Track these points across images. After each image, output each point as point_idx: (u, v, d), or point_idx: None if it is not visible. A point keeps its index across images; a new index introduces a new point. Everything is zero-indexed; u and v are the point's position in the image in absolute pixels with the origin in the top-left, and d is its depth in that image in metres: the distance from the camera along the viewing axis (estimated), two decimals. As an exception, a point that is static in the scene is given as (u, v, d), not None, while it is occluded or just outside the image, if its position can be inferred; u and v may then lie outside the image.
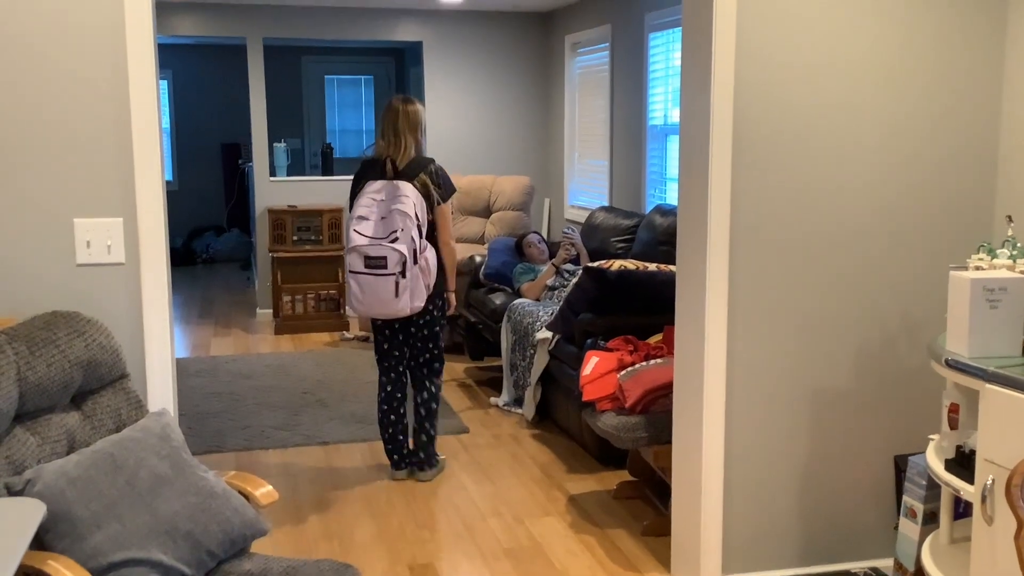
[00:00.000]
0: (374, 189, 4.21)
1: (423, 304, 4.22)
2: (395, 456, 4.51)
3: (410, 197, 4.14)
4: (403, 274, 4.07)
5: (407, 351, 4.49)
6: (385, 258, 4.06)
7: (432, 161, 4.32)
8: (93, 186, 2.67)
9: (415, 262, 4.12)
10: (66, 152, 2.65)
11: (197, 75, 11.64)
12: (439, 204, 4.29)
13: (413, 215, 4.11)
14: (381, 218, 4.12)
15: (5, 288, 2.65)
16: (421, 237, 4.16)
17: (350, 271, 4.15)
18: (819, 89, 3.09)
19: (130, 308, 2.74)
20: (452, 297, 4.51)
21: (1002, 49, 3.21)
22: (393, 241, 4.07)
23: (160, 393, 2.78)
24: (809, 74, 3.07)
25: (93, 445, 2.41)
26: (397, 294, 4.09)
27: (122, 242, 2.70)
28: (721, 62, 2.99)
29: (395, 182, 4.19)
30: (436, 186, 4.27)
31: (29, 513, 1.96)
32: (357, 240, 4.12)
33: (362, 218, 4.15)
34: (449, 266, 4.41)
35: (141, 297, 2.74)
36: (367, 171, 4.31)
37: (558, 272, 5.94)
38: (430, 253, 4.25)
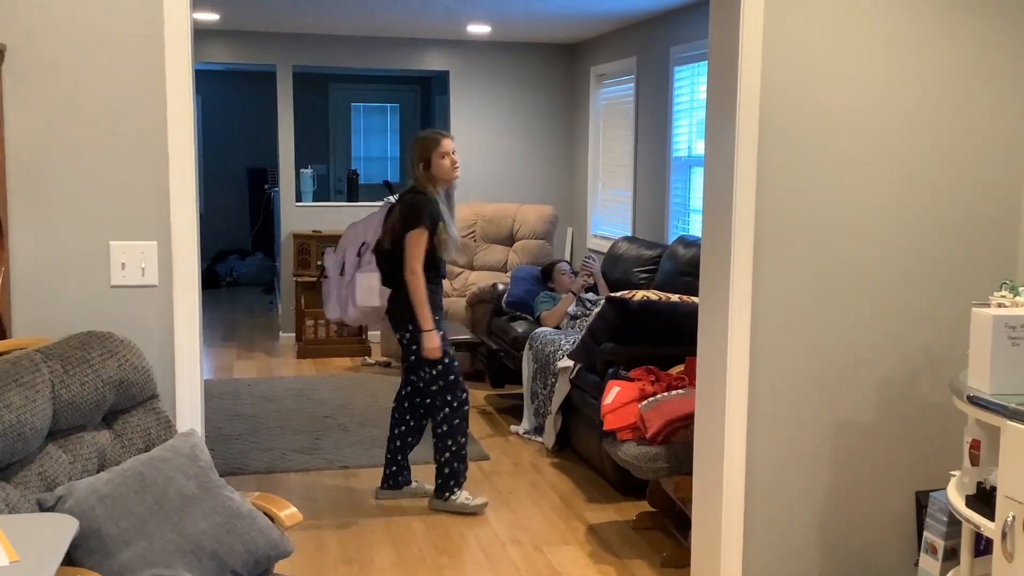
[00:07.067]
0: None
1: (354, 318, 4.57)
2: (384, 470, 4.63)
3: (373, 218, 4.54)
4: (324, 277, 4.65)
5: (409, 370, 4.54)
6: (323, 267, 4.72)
7: (411, 192, 4.39)
8: (129, 210, 2.73)
9: (341, 274, 4.52)
10: (105, 177, 2.71)
11: (226, 100, 11.79)
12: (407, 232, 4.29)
13: (363, 232, 4.53)
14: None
15: (42, 307, 2.71)
16: (359, 256, 4.49)
17: None
18: (844, 126, 3.11)
19: (161, 329, 2.80)
20: (428, 337, 4.21)
21: (1026, 88, 3.23)
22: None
23: (188, 414, 2.83)
24: (834, 112, 3.09)
25: (123, 463, 2.46)
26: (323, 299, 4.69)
27: (156, 265, 2.76)
28: (746, 97, 3.02)
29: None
30: (403, 217, 4.31)
31: (62, 529, 2.00)
32: None
33: None
34: (413, 297, 4.22)
35: (173, 319, 2.80)
36: None
37: (579, 301, 5.97)
38: (367, 277, 4.40)
